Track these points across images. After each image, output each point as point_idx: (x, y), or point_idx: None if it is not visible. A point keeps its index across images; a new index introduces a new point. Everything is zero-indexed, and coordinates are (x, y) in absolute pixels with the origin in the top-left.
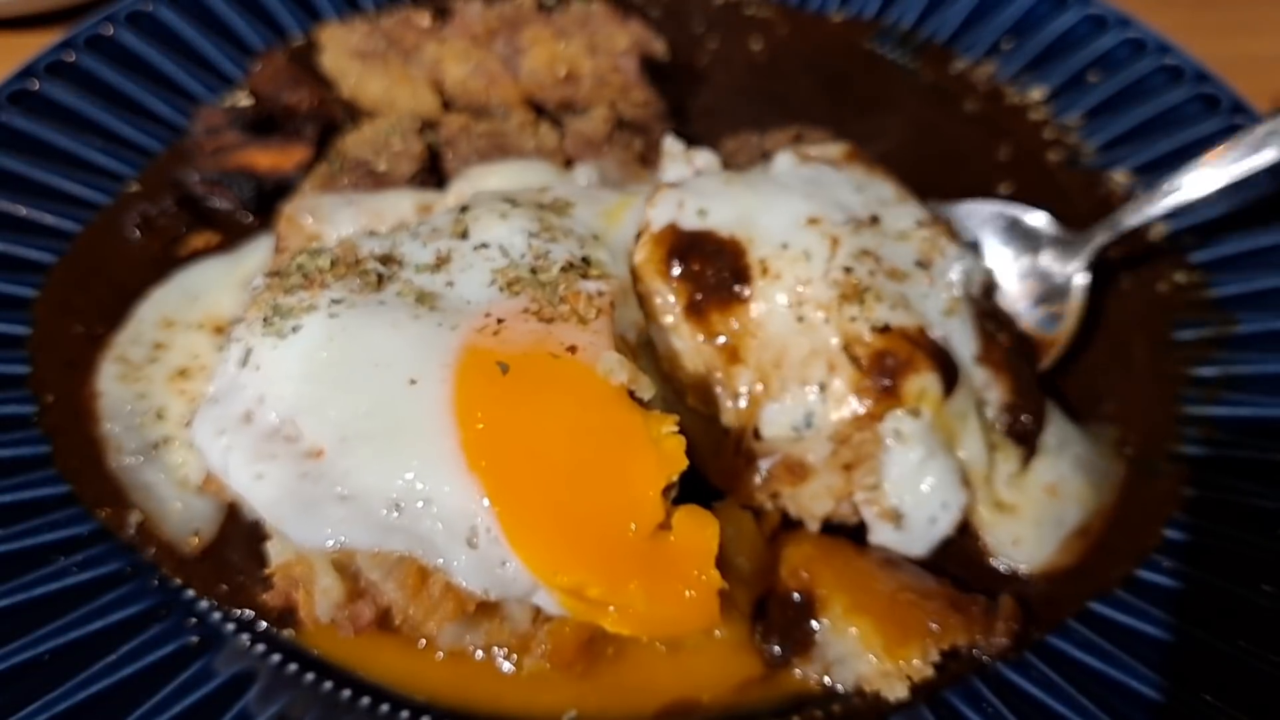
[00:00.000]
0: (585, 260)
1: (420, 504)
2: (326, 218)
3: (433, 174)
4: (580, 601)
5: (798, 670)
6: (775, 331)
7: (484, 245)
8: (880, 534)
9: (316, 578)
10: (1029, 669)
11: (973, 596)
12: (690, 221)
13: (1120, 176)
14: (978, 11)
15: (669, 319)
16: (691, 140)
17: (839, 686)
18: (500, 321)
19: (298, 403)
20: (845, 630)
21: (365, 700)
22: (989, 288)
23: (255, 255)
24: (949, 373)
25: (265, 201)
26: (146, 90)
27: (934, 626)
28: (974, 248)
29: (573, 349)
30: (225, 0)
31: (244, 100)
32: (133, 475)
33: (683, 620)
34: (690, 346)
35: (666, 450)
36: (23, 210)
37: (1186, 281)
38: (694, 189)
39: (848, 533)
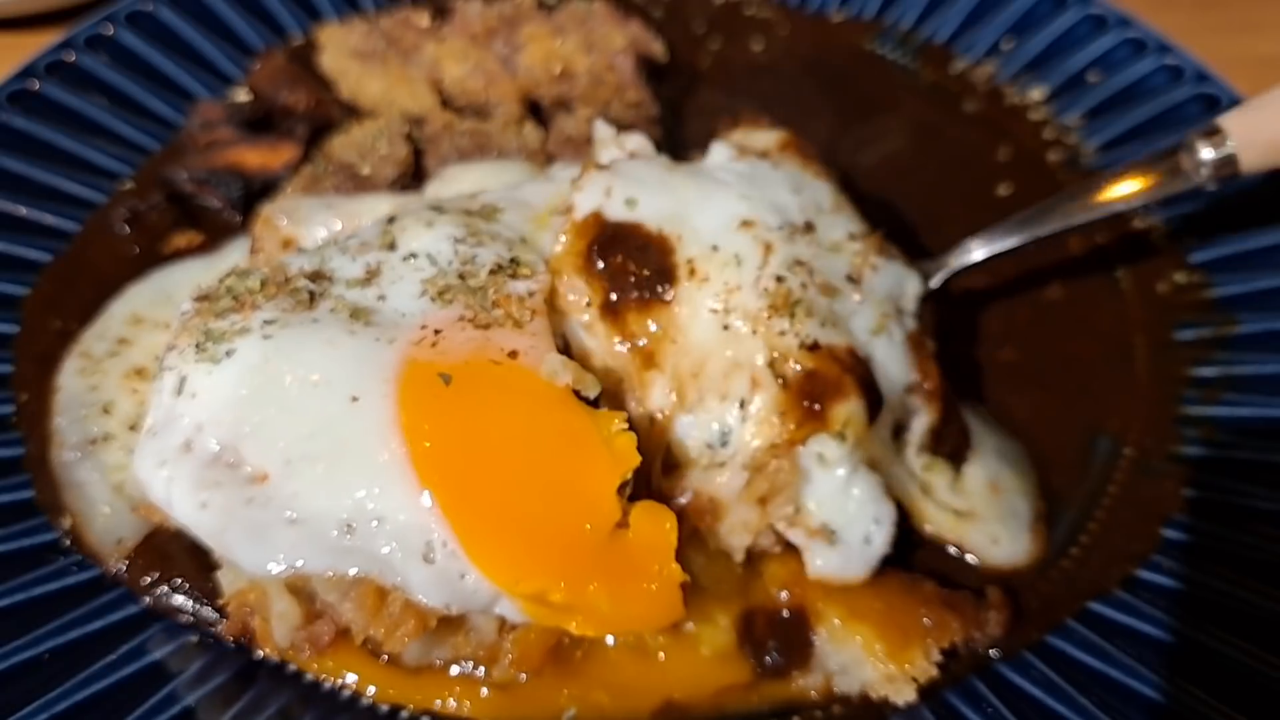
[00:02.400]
0: (514, 261)
1: (373, 523)
2: (303, 220)
3: (415, 175)
4: (544, 607)
5: (798, 683)
6: (697, 339)
7: (412, 255)
8: (818, 557)
9: (271, 603)
10: (1029, 669)
11: (960, 593)
12: (617, 211)
13: None
14: (978, 11)
15: (583, 316)
16: (691, 143)
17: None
18: (437, 332)
19: (237, 428)
20: (846, 640)
21: (366, 700)
22: (922, 302)
23: (234, 256)
24: (874, 399)
25: (253, 201)
26: (146, 90)
27: (930, 625)
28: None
29: (514, 354)
30: (225, 0)
31: (243, 98)
32: (69, 472)
33: (648, 616)
34: (603, 347)
35: (618, 448)
36: (23, 210)
37: (1186, 281)
38: (624, 174)
39: None
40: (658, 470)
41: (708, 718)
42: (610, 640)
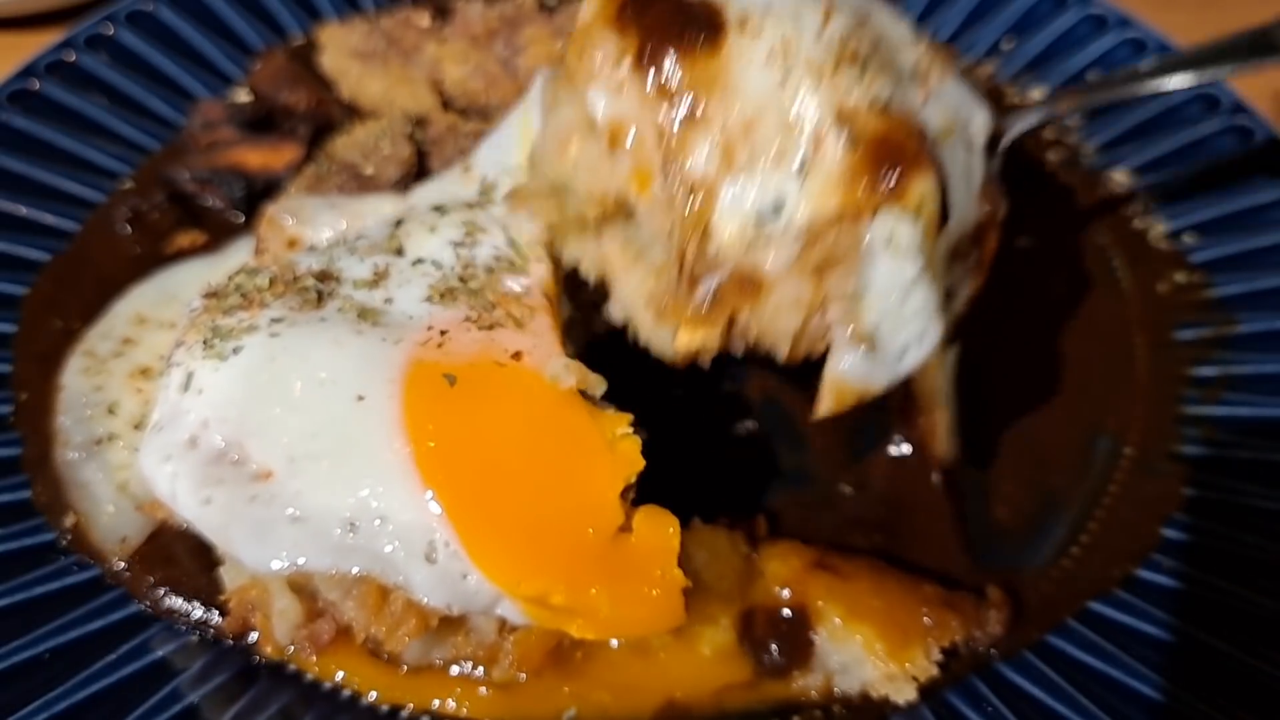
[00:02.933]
0: (512, 243)
1: (376, 522)
2: (308, 220)
3: (419, 176)
4: (545, 609)
5: (798, 682)
6: (751, 89)
7: (419, 261)
8: (845, 359)
9: (273, 600)
10: (1029, 669)
11: (960, 592)
12: None
13: (1120, 176)
14: (978, 11)
15: (617, 73)
16: None
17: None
18: (443, 333)
19: (243, 425)
20: (847, 639)
21: (366, 700)
22: (991, 149)
23: (238, 256)
24: (944, 199)
25: (255, 201)
26: (147, 90)
27: (930, 624)
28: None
29: (518, 355)
30: (225, 0)
31: (244, 98)
32: (73, 472)
33: (648, 621)
34: (636, 107)
35: (622, 452)
36: (23, 210)
37: (1186, 281)
38: None
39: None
40: (693, 248)
41: (708, 717)
42: (612, 640)
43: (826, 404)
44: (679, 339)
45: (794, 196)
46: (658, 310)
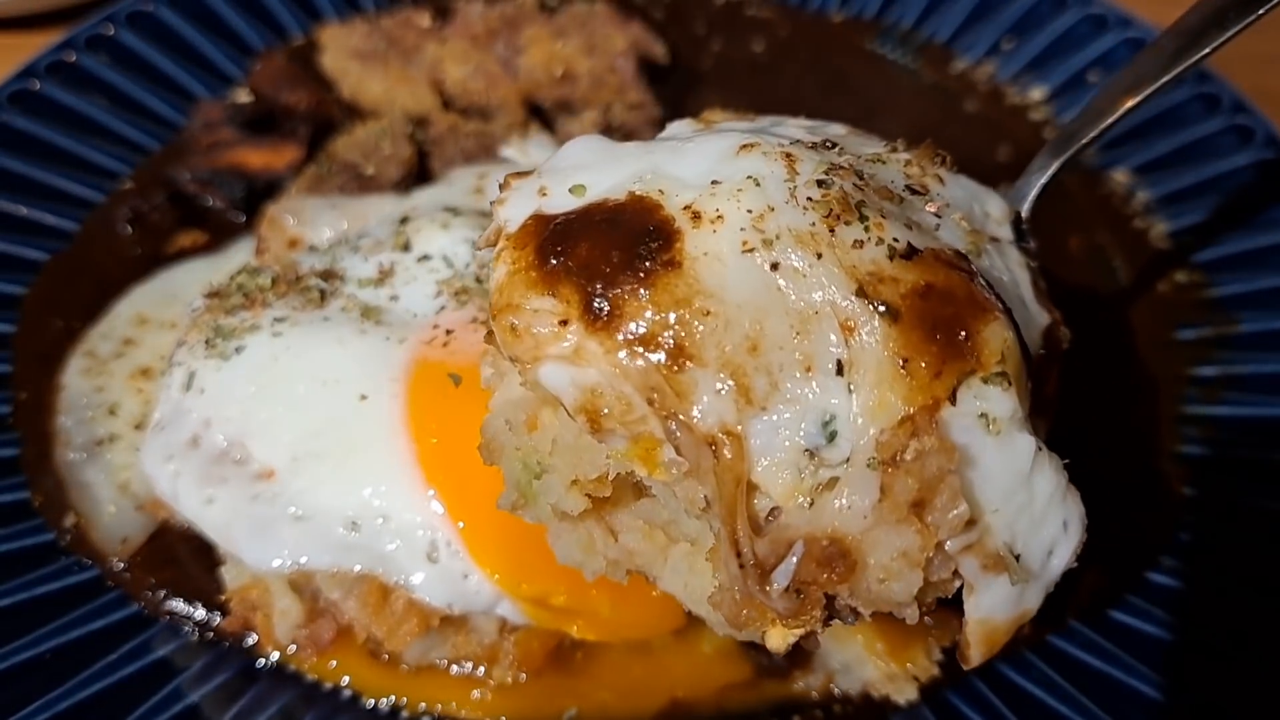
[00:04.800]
0: None
1: (378, 520)
2: (309, 220)
3: (419, 176)
4: (545, 610)
5: (799, 682)
6: (738, 297)
7: (426, 257)
8: (983, 600)
9: (274, 600)
10: (1030, 668)
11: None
12: (561, 203)
13: (1120, 176)
14: (978, 11)
15: (564, 343)
16: None
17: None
18: (449, 332)
19: (245, 424)
20: (847, 639)
21: (366, 700)
22: (1019, 228)
23: (239, 256)
24: (1019, 335)
25: (256, 201)
26: (147, 90)
27: (931, 624)
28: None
29: None
30: (225, 0)
31: (244, 98)
32: (74, 472)
33: (648, 622)
34: (607, 374)
35: None
36: (23, 210)
37: (1187, 281)
38: (556, 168)
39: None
40: (745, 528)
41: (709, 717)
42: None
43: (979, 651)
44: (770, 642)
45: (845, 412)
46: (731, 618)
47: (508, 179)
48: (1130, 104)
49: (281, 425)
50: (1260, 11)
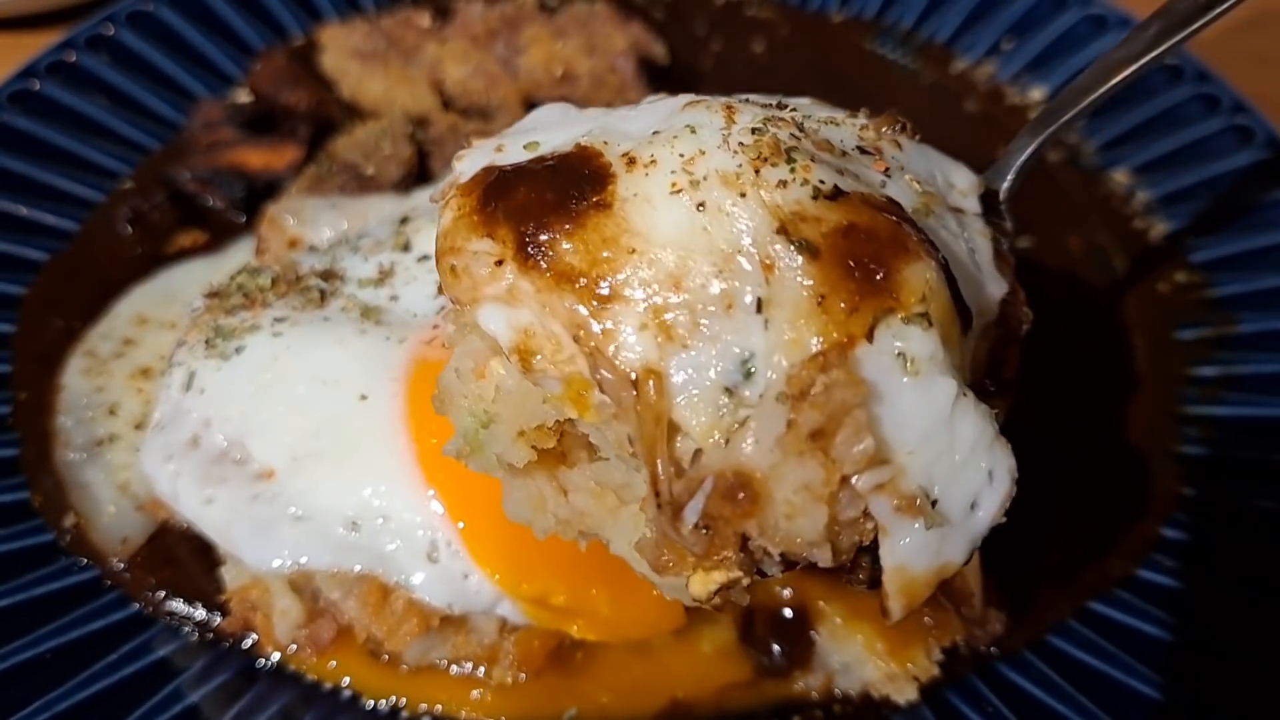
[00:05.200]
0: None
1: (379, 520)
2: (309, 221)
3: (419, 176)
4: (545, 610)
5: (799, 682)
6: (665, 235)
7: (426, 257)
8: (896, 545)
9: (274, 600)
10: (1029, 668)
11: (959, 591)
12: (514, 157)
13: (1120, 176)
14: (978, 11)
15: (501, 283)
16: None
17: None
18: None
19: (245, 424)
20: (847, 638)
21: (366, 700)
22: (988, 204)
23: (239, 256)
24: (954, 286)
25: (256, 201)
26: (147, 90)
27: (931, 624)
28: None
29: None
30: (225, 0)
31: (244, 98)
32: (74, 472)
33: (649, 622)
34: (538, 314)
35: None
36: (23, 210)
37: (1187, 281)
38: (519, 128)
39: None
40: (665, 468)
41: (710, 717)
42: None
43: (898, 604)
44: (692, 590)
45: (761, 348)
46: (654, 562)
47: (470, 138)
48: (1112, 82)
49: (281, 425)
50: None
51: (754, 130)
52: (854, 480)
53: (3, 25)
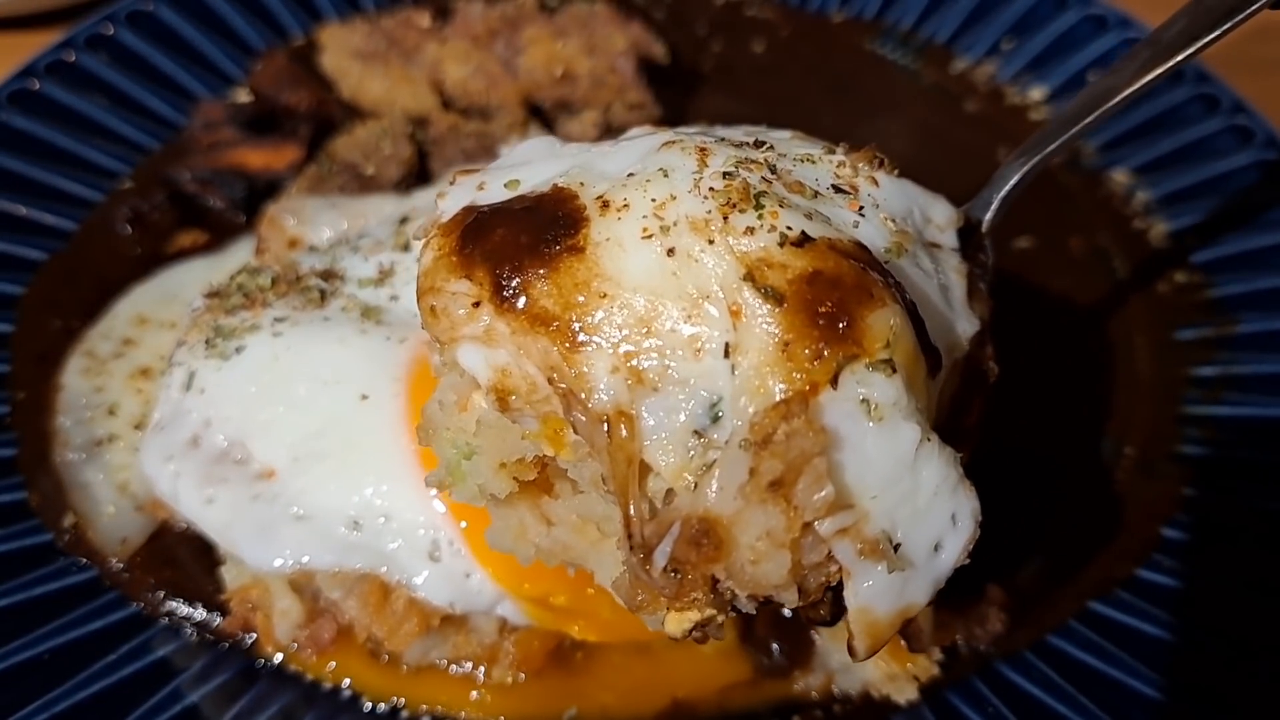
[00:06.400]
0: None
1: (380, 520)
2: (309, 220)
3: (420, 176)
4: (546, 610)
5: (800, 682)
6: (634, 279)
7: None
8: (860, 588)
9: (274, 600)
10: (1029, 668)
11: (959, 591)
12: (494, 196)
13: (1120, 177)
14: (978, 11)
15: (478, 324)
16: None
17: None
18: None
19: (245, 424)
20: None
21: (367, 700)
22: (967, 239)
23: (239, 256)
24: (921, 330)
25: (256, 201)
26: (147, 90)
27: (931, 623)
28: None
29: None
30: (225, 0)
31: (244, 98)
32: (73, 473)
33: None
34: (513, 352)
35: None
36: (22, 210)
37: (1187, 281)
38: (501, 165)
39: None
40: (638, 509)
41: (710, 717)
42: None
43: (863, 643)
44: (668, 628)
45: (729, 393)
46: (628, 600)
47: (456, 175)
48: (1098, 112)
49: (282, 425)
50: (1227, 27)
51: (725, 174)
52: (817, 525)
53: (3, 25)
